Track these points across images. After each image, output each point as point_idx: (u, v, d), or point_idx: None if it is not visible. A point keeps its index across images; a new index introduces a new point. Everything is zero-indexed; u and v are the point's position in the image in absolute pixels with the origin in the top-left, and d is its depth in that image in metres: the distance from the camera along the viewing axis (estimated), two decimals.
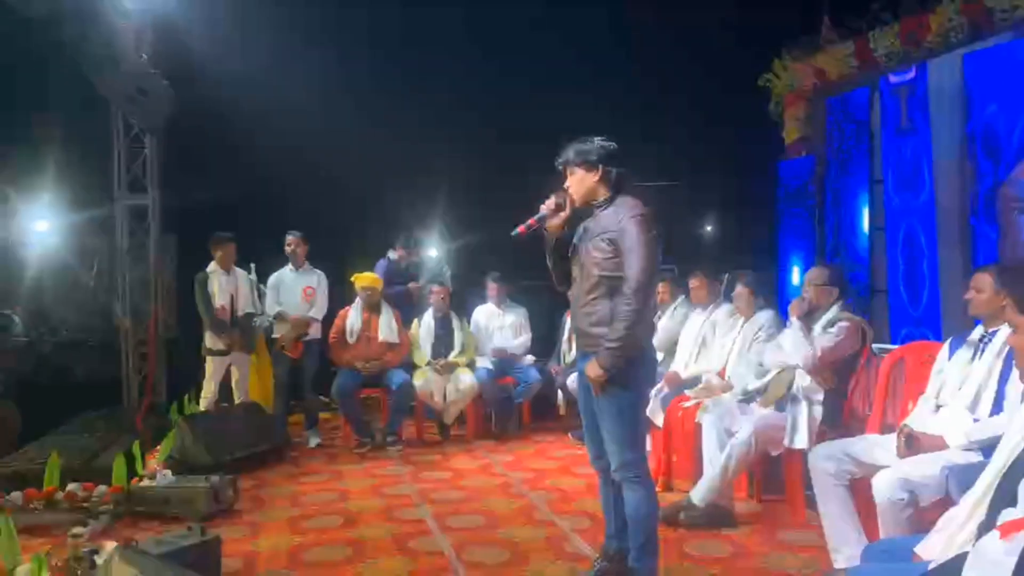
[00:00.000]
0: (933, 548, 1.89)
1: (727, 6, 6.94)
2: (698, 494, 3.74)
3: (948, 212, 5.32)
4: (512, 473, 4.89)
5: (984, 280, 2.95)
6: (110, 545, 2.87)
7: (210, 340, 5.62)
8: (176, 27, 6.27)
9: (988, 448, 2.69)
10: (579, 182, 2.90)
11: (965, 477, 2.55)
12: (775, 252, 7.15)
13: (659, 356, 4.53)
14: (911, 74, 5.56)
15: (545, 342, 6.55)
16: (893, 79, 5.73)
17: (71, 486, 4.00)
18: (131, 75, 5.06)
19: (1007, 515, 1.66)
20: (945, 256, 5.33)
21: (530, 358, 6.30)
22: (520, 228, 2.89)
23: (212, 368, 5.65)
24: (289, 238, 5.99)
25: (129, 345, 6.56)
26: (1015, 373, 2.77)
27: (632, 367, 2.79)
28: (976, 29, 5.13)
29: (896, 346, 4.37)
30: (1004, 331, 2.86)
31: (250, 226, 6.27)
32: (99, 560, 2.72)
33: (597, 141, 2.91)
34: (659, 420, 4.54)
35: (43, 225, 8.94)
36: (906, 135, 5.62)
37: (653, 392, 4.49)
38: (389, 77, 7.42)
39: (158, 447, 4.92)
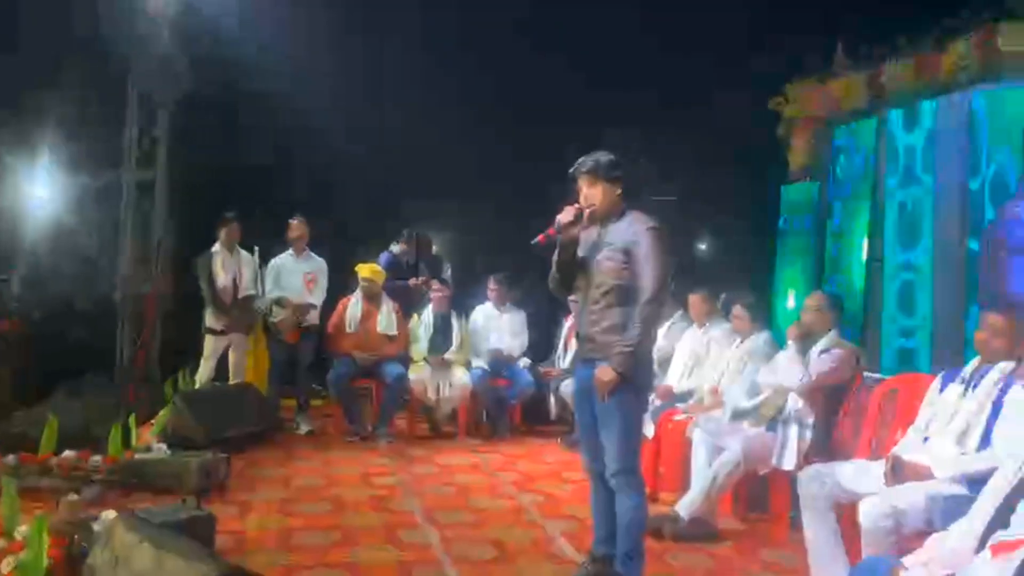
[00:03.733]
0: (918, 568, 1.95)
1: (744, 23, 6.93)
2: (684, 507, 3.79)
3: (946, 247, 5.39)
4: (501, 474, 4.94)
5: (999, 322, 3.00)
6: (108, 513, 2.91)
7: (210, 319, 5.66)
8: (194, 7, 6.31)
9: (973, 482, 2.76)
10: (604, 194, 2.98)
11: (949, 508, 2.63)
12: (771, 275, 7.18)
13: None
14: (920, 110, 5.64)
15: (540, 345, 6.58)
16: (901, 114, 5.81)
17: (66, 453, 4.02)
18: (153, 51, 5.10)
19: (999, 537, 1.71)
20: (940, 292, 5.40)
21: (525, 361, 6.34)
22: (540, 237, 2.96)
23: (210, 347, 5.69)
24: (292, 223, 6.01)
25: (125, 317, 6.58)
26: (1005, 410, 2.86)
27: (639, 373, 2.88)
28: (987, 70, 5.20)
29: (885, 377, 4.44)
30: (998, 368, 2.94)
31: (255, 208, 6.30)
32: (97, 527, 2.76)
33: (613, 156, 3.01)
34: (649, 431, 4.60)
35: (42, 191, 8.91)
36: (911, 169, 5.70)
37: None
38: (406, 71, 7.44)
39: (152, 420, 4.95)
